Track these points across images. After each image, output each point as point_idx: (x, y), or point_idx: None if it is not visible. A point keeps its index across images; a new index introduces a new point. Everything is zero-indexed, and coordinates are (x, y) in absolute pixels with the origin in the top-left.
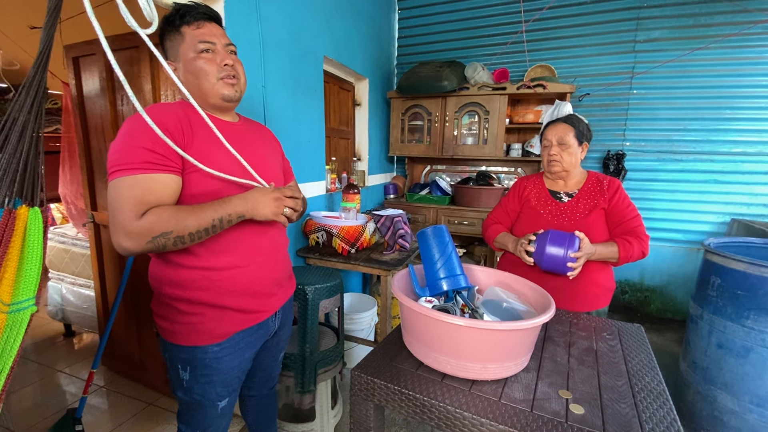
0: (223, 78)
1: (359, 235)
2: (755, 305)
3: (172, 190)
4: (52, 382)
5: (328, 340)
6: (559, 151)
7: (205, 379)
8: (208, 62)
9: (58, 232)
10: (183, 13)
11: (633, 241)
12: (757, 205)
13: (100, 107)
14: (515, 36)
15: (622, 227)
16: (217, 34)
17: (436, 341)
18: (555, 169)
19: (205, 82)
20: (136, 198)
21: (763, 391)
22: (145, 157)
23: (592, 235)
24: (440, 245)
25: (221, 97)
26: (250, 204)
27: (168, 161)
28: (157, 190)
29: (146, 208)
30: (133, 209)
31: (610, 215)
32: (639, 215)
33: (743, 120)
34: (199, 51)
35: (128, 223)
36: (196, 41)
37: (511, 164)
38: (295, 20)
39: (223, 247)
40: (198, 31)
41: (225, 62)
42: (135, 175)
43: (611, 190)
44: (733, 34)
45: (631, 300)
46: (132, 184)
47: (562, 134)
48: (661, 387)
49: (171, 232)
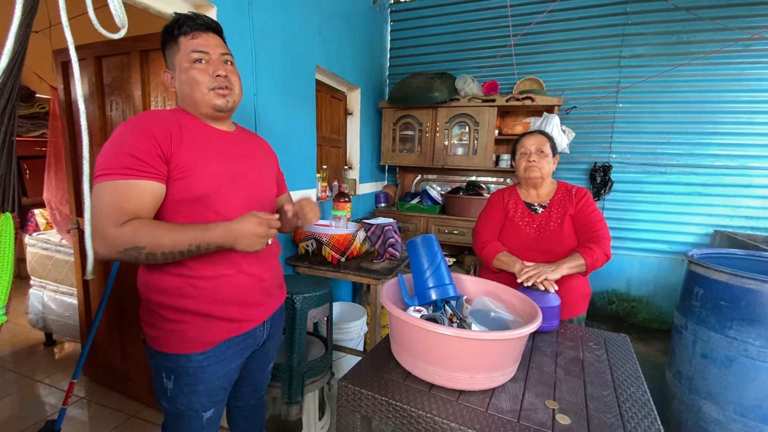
0: (215, 88)
1: (349, 244)
2: (737, 315)
3: (152, 197)
4: (31, 392)
5: (317, 350)
6: (538, 158)
7: (189, 388)
8: (200, 72)
9: (41, 238)
10: (181, 23)
11: (594, 247)
12: (739, 217)
13: (89, 112)
14: (504, 49)
15: (585, 230)
16: (212, 44)
17: (424, 351)
18: (534, 174)
19: (197, 91)
20: (114, 204)
21: (747, 401)
22: (127, 163)
23: (566, 243)
24: (429, 254)
25: (212, 107)
26: (234, 237)
27: (150, 167)
28: (136, 196)
29: (124, 215)
30: (111, 216)
31: (575, 219)
32: (602, 219)
33: (724, 134)
34: (192, 61)
35: (104, 229)
36: (190, 51)
37: (500, 174)
38: (287, 30)
39: (210, 256)
40: (193, 41)
41: (217, 73)
42: (115, 180)
43: (578, 197)
44: (715, 51)
45: (618, 310)
46: (112, 189)
47: (540, 143)
48: (646, 397)
49: (144, 247)
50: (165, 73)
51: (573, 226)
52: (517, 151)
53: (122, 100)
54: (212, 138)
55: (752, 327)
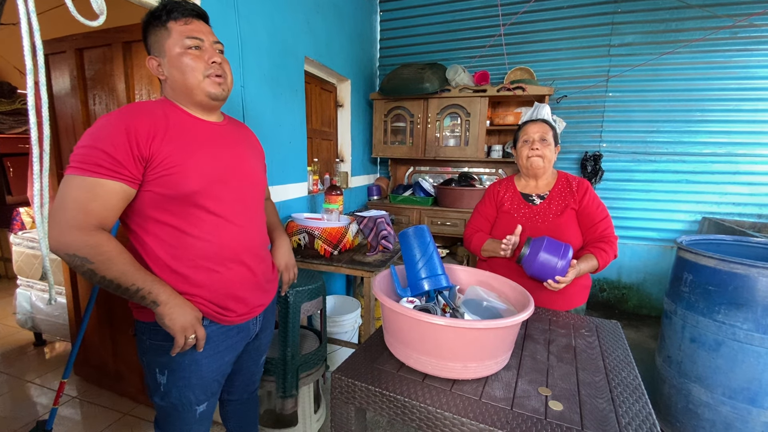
0: (210, 75)
1: (342, 237)
2: (725, 300)
3: (119, 199)
4: (22, 393)
5: (311, 343)
6: (541, 146)
7: (183, 382)
8: (195, 59)
9: (27, 237)
10: (170, 8)
11: (606, 248)
12: (727, 204)
13: (71, 107)
14: (494, 39)
15: (593, 229)
16: (205, 31)
17: (417, 341)
18: (537, 163)
19: (191, 78)
20: (81, 202)
21: (735, 384)
22: (100, 160)
23: (565, 235)
24: (421, 245)
25: (207, 95)
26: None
27: (122, 168)
28: (102, 196)
29: (90, 216)
30: (76, 215)
31: (581, 216)
32: (608, 216)
33: (712, 122)
34: (186, 47)
35: (65, 226)
36: (184, 37)
37: (492, 165)
38: (274, 20)
39: (201, 252)
40: (186, 27)
41: (213, 59)
42: (85, 176)
43: (581, 191)
44: (702, 39)
45: (609, 297)
46: (80, 185)
47: (543, 131)
48: (637, 381)
49: (92, 264)
50: (151, 59)
51: (576, 220)
52: (519, 139)
53: (105, 94)
54: (200, 131)
55: (740, 311)
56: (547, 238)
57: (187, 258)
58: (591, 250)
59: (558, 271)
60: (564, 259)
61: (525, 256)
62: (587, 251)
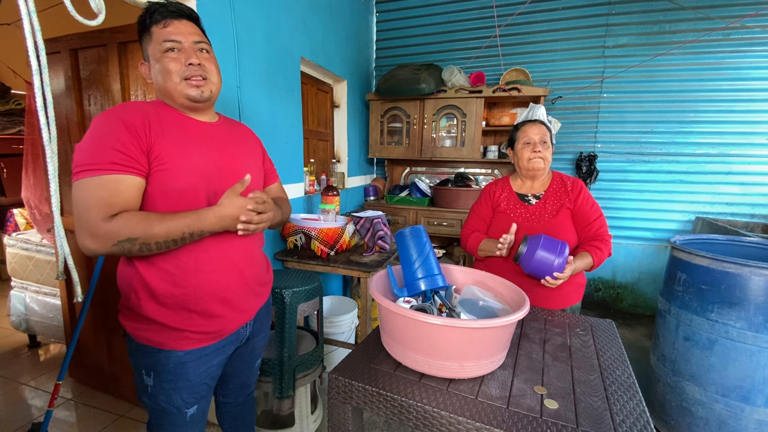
0: (188, 78)
1: (338, 237)
2: (718, 299)
3: (138, 193)
4: (17, 396)
5: (307, 344)
6: (543, 149)
7: (169, 385)
8: (172, 61)
9: (21, 238)
10: (152, 11)
11: (601, 246)
12: (720, 204)
13: (66, 107)
14: (490, 40)
15: (588, 228)
16: (184, 31)
17: (414, 341)
18: (539, 165)
19: (169, 82)
20: (104, 199)
21: (728, 382)
22: (113, 158)
23: (560, 234)
24: (418, 245)
25: (186, 98)
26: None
27: (135, 163)
28: (125, 191)
29: (114, 210)
30: (102, 211)
31: (575, 216)
32: (602, 215)
33: (705, 123)
34: (164, 50)
35: (95, 224)
36: (162, 40)
37: (488, 166)
38: (270, 20)
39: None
40: (164, 30)
41: (189, 61)
42: (102, 175)
43: (575, 191)
44: (696, 41)
45: (604, 297)
46: (100, 184)
47: (543, 134)
48: (631, 380)
49: (137, 238)
50: (142, 65)
51: (571, 220)
52: (518, 140)
53: (100, 95)
54: (192, 130)
55: (733, 309)
56: (543, 235)
57: (175, 257)
58: (586, 248)
59: (555, 268)
60: (561, 256)
61: (522, 254)
62: (582, 249)
